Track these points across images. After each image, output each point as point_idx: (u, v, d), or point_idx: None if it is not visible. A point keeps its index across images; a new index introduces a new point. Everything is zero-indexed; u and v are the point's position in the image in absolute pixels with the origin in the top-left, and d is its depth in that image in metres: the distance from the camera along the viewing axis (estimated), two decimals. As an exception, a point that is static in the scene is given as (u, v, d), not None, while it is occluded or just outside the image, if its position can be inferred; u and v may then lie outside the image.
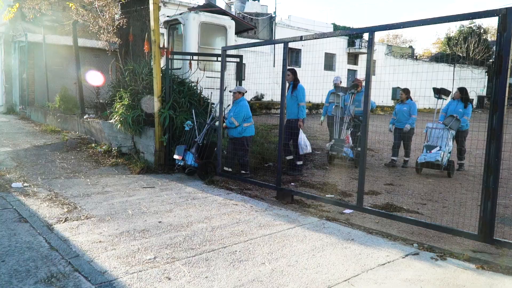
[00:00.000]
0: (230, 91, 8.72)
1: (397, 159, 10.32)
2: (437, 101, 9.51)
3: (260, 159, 9.38)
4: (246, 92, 8.68)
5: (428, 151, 9.11)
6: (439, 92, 9.42)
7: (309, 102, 25.03)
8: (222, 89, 8.38)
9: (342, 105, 10.14)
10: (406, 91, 10.26)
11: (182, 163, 8.40)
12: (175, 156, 8.40)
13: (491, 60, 41.10)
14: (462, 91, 9.84)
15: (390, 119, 10.66)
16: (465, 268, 4.33)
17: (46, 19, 16.61)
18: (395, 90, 33.33)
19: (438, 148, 8.98)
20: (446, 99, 9.55)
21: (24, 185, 7.38)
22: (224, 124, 8.39)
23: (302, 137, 9.10)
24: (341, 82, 10.53)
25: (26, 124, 15.44)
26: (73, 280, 3.86)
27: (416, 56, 47.60)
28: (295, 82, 9.00)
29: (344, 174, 9.24)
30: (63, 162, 9.34)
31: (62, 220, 5.57)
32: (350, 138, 9.75)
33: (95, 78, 12.67)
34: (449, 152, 9.18)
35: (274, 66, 27.94)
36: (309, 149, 9.24)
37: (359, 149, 9.79)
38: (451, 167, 9.18)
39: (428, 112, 23.93)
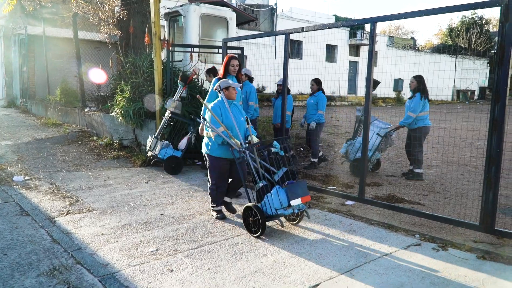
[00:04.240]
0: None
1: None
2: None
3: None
4: None
5: None
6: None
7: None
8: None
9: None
10: (317, 81, 8.90)
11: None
12: None
13: (493, 51, 40.95)
14: (416, 79, 7.89)
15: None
16: (466, 258, 4.34)
17: (46, 12, 16.54)
18: (396, 81, 33.24)
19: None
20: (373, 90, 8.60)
21: (25, 178, 7.39)
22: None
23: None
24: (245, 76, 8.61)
25: (27, 117, 15.44)
26: (76, 272, 3.88)
27: (418, 47, 47.36)
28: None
29: (346, 166, 9.22)
30: (65, 155, 9.34)
31: (64, 213, 5.59)
32: (184, 141, 8.39)
33: (98, 76, 12.54)
34: (372, 150, 7.95)
35: (275, 58, 27.84)
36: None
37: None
38: (355, 162, 8.05)
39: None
